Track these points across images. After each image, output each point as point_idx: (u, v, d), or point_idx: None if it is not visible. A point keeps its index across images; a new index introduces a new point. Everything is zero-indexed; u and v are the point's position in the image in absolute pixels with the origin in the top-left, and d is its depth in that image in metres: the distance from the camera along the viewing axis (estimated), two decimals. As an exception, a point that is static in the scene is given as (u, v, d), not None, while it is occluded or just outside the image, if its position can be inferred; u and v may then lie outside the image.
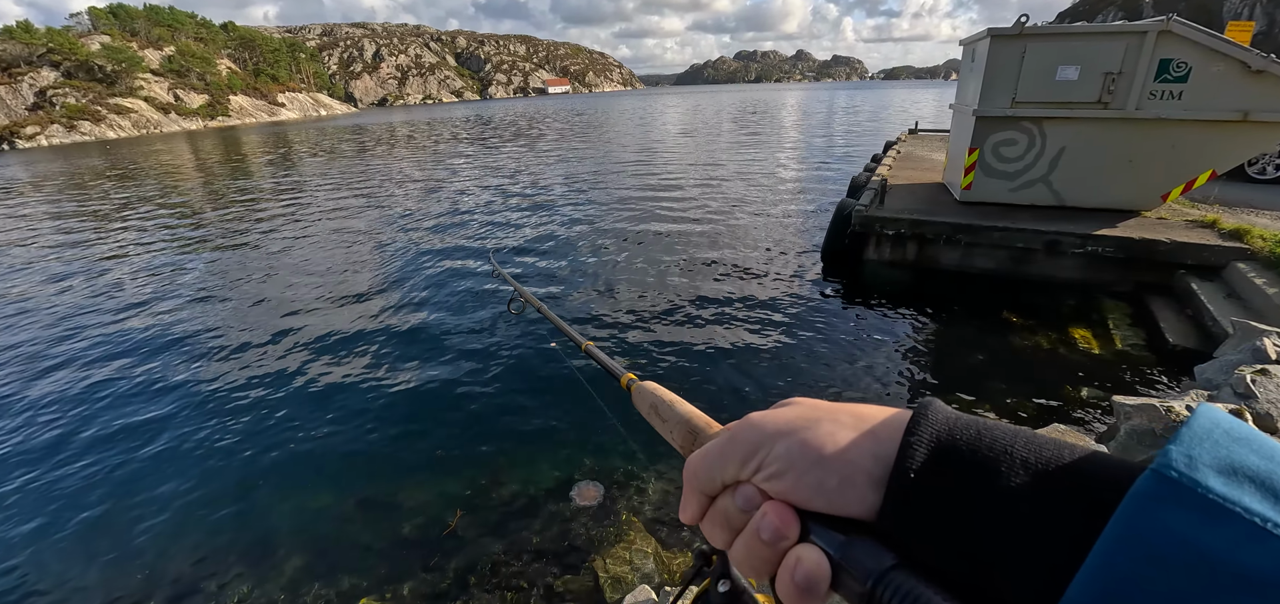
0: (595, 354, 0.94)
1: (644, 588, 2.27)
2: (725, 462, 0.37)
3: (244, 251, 10.50)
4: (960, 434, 0.30)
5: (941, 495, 0.29)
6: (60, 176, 25.62)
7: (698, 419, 0.52)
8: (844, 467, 0.32)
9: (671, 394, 0.58)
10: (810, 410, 0.36)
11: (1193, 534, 0.21)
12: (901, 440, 0.31)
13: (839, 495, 0.32)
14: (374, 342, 6.25)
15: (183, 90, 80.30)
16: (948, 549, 0.28)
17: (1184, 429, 0.24)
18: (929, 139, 14.92)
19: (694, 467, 0.39)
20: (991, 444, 0.29)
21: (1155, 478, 0.23)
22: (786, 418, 0.36)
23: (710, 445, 0.39)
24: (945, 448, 0.30)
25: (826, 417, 0.35)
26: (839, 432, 0.33)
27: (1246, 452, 0.23)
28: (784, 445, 0.34)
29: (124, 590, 3.28)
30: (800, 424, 0.35)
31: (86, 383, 5.68)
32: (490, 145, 29.71)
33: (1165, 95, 5.78)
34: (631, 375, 0.74)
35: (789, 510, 0.33)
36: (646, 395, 0.62)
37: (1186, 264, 5.49)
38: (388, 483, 4.02)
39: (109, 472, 4.31)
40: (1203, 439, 0.24)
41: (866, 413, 0.34)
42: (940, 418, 0.31)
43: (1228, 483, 0.22)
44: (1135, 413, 2.71)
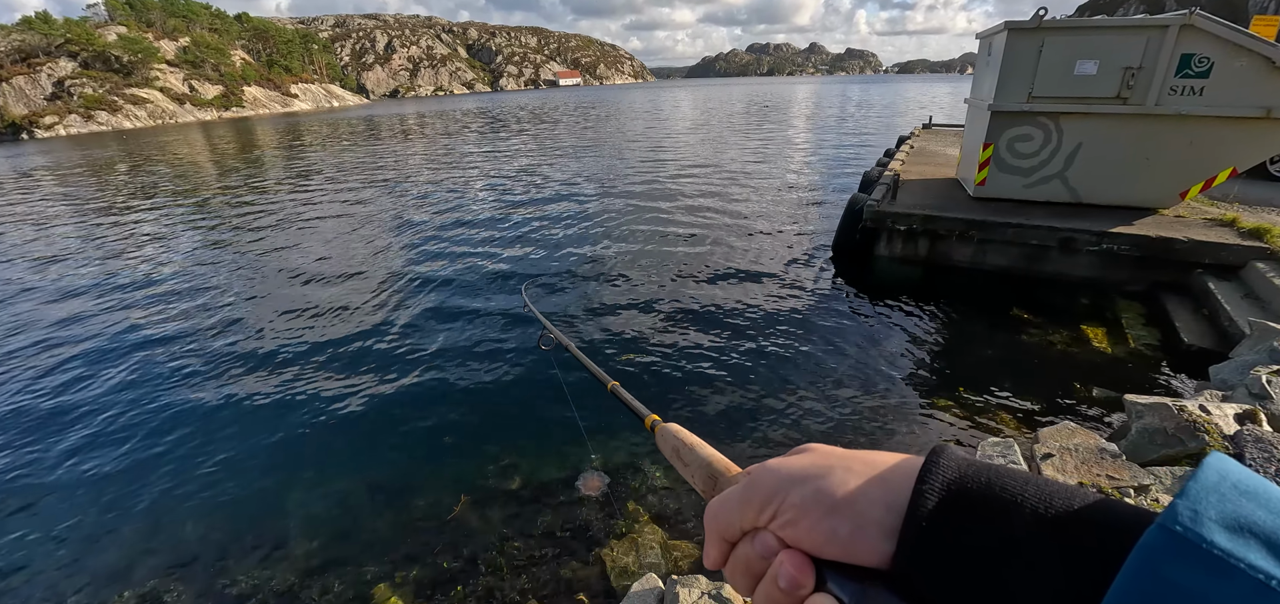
0: (621, 395, 0.96)
1: (651, 576, 2.30)
2: (743, 509, 0.37)
3: (261, 243, 10.64)
4: (971, 481, 0.30)
5: (953, 544, 0.29)
6: (80, 166, 26.04)
7: (717, 463, 0.53)
8: (857, 516, 0.33)
9: (693, 437, 0.60)
10: (824, 458, 0.37)
11: (1197, 589, 0.21)
12: (913, 489, 0.31)
13: (852, 544, 0.32)
14: (386, 335, 6.32)
15: (197, 81, 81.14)
16: (960, 597, 0.28)
17: (1192, 482, 0.25)
18: (943, 134, 14.75)
19: (714, 513, 0.40)
20: (1002, 491, 0.29)
21: (1162, 533, 0.23)
22: (801, 466, 0.37)
23: (729, 493, 0.40)
24: (956, 495, 0.30)
25: (839, 464, 0.35)
26: (851, 480, 0.34)
27: (1254, 507, 0.23)
28: (798, 494, 0.35)
29: (137, 572, 3.36)
30: (815, 472, 0.35)
31: (102, 370, 5.81)
32: (502, 138, 29.76)
33: (1186, 91, 5.67)
34: (655, 417, 0.76)
35: (805, 559, 0.34)
36: (669, 438, 0.63)
37: (1204, 263, 5.40)
38: (398, 471, 4.09)
39: (124, 456, 4.41)
40: (1210, 493, 0.24)
41: (879, 460, 0.35)
42: (952, 465, 0.31)
43: (1233, 539, 0.22)
44: (1147, 412, 2.69)
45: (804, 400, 4.64)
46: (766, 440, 4.19)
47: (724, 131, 27.75)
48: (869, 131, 25.76)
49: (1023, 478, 0.30)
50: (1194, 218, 6.11)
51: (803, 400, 4.64)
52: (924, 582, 0.30)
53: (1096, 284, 5.89)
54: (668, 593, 2.06)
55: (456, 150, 24.80)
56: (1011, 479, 0.30)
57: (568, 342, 1.47)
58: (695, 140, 24.30)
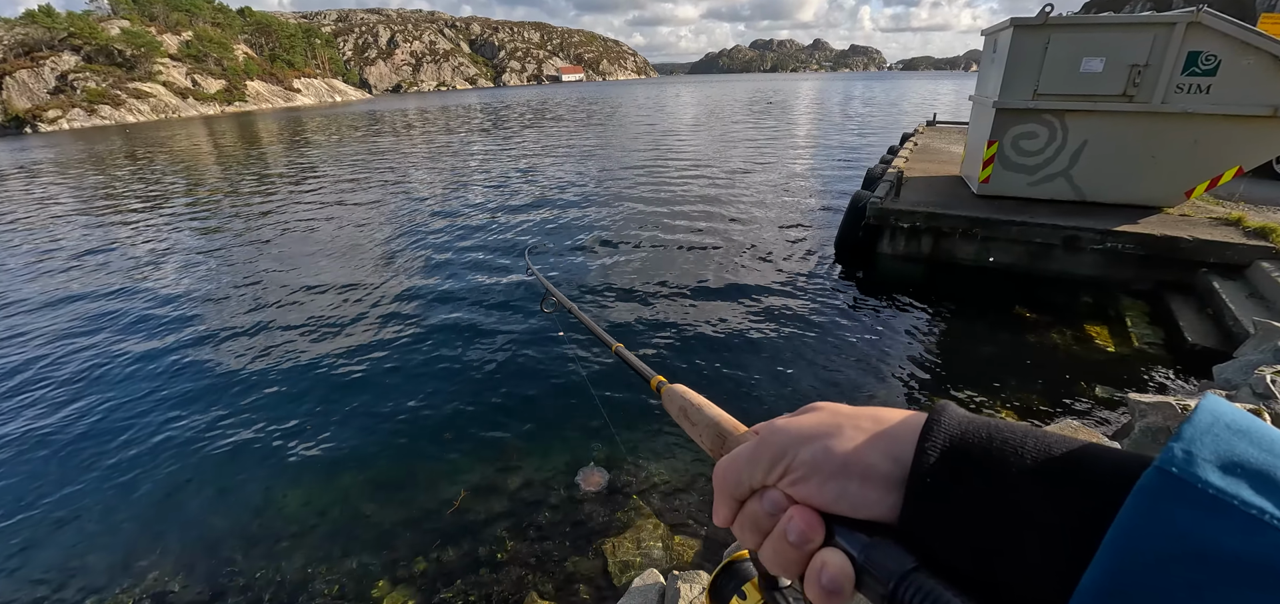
0: (625, 356, 0.95)
1: (652, 572, 2.30)
2: (753, 467, 0.38)
3: (262, 236, 10.66)
4: (972, 436, 0.31)
5: (956, 497, 0.30)
6: (84, 161, 26.10)
7: (725, 422, 0.52)
8: (865, 471, 0.33)
9: (700, 397, 0.59)
10: (831, 416, 0.37)
11: (1193, 528, 0.22)
12: (917, 445, 0.32)
13: (861, 499, 0.33)
14: (386, 326, 6.34)
15: (200, 75, 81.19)
16: (964, 548, 0.29)
17: (1187, 424, 0.25)
18: (947, 131, 14.69)
19: (722, 472, 0.40)
20: (1002, 444, 0.30)
21: (1158, 474, 0.24)
22: (810, 424, 0.37)
23: (738, 451, 0.40)
24: (959, 450, 0.31)
25: (847, 422, 0.36)
26: (859, 437, 0.34)
27: (1246, 445, 0.24)
28: (808, 451, 0.35)
29: (140, 563, 3.38)
30: (823, 431, 0.36)
31: (103, 361, 5.84)
32: (505, 133, 29.74)
33: (1192, 89, 5.64)
34: (661, 377, 0.75)
35: (814, 514, 0.34)
36: (676, 398, 0.62)
37: (1209, 262, 5.39)
38: (399, 463, 4.10)
39: (125, 447, 4.43)
40: (1204, 434, 0.25)
41: (885, 417, 0.35)
42: (953, 420, 0.32)
43: (1227, 478, 0.23)
44: (1151, 411, 2.68)
45: (805, 398, 4.63)
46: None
47: (727, 128, 27.68)
48: (872, 129, 25.68)
49: (1022, 431, 0.30)
50: (1199, 217, 6.08)
51: (804, 398, 4.64)
52: (929, 533, 0.31)
53: (1100, 283, 5.88)
54: (669, 588, 2.07)
55: (458, 145, 24.79)
56: (1011, 432, 0.31)
57: (571, 304, 1.46)
58: (698, 137, 24.25)
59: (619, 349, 1.01)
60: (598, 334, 1.12)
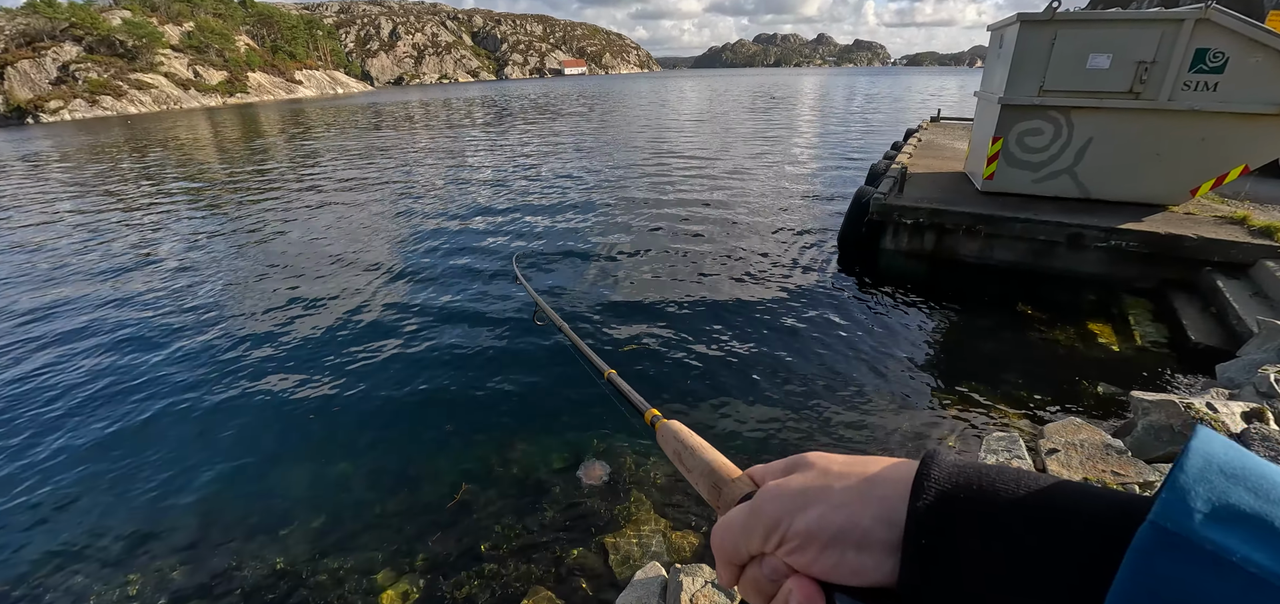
0: (618, 383, 0.92)
1: (654, 564, 2.31)
2: (748, 536, 0.37)
3: (265, 228, 10.67)
4: (964, 488, 0.30)
5: (952, 557, 0.29)
6: (86, 151, 26.11)
7: (720, 469, 0.52)
8: (859, 539, 0.33)
9: (695, 438, 0.58)
10: (821, 476, 0.36)
11: (1192, 587, 0.22)
12: (908, 505, 0.31)
13: (859, 566, 0.33)
14: (386, 321, 6.34)
15: (202, 66, 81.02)
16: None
17: (1179, 471, 0.25)
18: (951, 127, 14.63)
19: (719, 540, 0.40)
20: (995, 496, 0.29)
21: (1154, 530, 0.23)
22: (801, 487, 0.36)
23: (732, 517, 0.39)
24: (949, 503, 0.30)
25: (837, 481, 0.35)
26: (851, 500, 0.34)
27: (1241, 492, 0.23)
28: (802, 522, 0.35)
29: (142, 557, 3.38)
30: (814, 494, 0.35)
31: (105, 354, 5.85)
32: (507, 128, 29.68)
33: (1200, 86, 5.60)
34: (655, 411, 0.74)
35: (813, 585, 0.34)
36: (671, 438, 0.61)
37: (1213, 261, 5.37)
38: (399, 457, 4.11)
39: (125, 440, 4.44)
40: (1197, 481, 0.24)
41: (874, 470, 0.35)
42: (943, 472, 0.31)
43: (1223, 530, 0.22)
44: (1154, 409, 2.68)
45: (807, 393, 4.64)
46: (768, 433, 4.18)
47: (730, 124, 27.59)
48: (876, 124, 25.59)
49: (1015, 477, 0.30)
50: (1204, 215, 6.05)
51: (805, 393, 4.64)
52: (930, 597, 0.30)
53: (1104, 280, 5.86)
54: (671, 581, 2.07)
55: (460, 139, 24.75)
56: (1004, 480, 0.30)
57: (562, 322, 1.40)
58: (700, 132, 24.17)
59: (612, 376, 0.97)
60: (589, 356, 1.07)
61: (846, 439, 4.08)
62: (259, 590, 3.12)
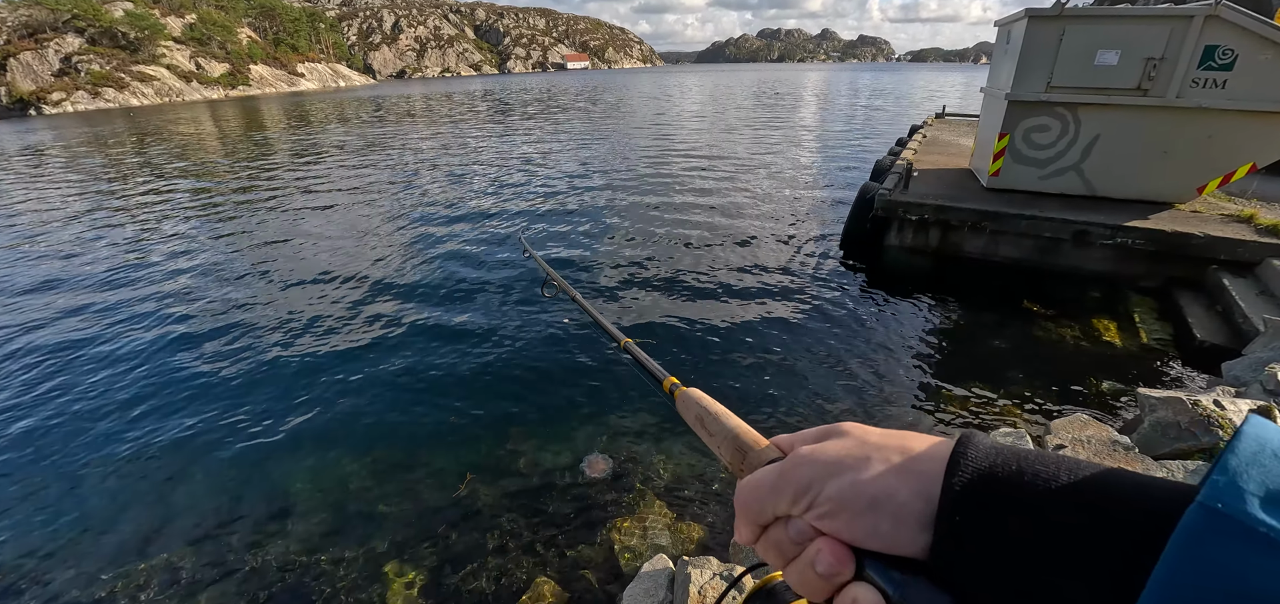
0: (635, 352, 0.90)
1: (661, 557, 2.32)
2: (777, 496, 0.37)
3: (266, 221, 10.68)
4: (1001, 469, 0.30)
5: (987, 535, 0.29)
6: (89, 143, 26.12)
7: (745, 435, 0.50)
8: (895, 510, 0.32)
9: (718, 405, 0.57)
10: (858, 446, 0.36)
11: (1244, 570, 0.21)
12: (943, 480, 0.31)
13: (892, 537, 0.32)
14: (389, 312, 6.35)
15: (204, 58, 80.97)
16: (1000, 588, 0.28)
17: (1230, 453, 0.24)
18: (956, 124, 14.57)
19: (745, 498, 0.39)
20: (1033, 477, 0.29)
21: (1202, 512, 0.22)
22: (836, 454, 0.36)
23: (761, 477, 0.39)
24: (986, 484, 0.30)
25: (875, 453, 0.35)
26: (887, 471, 0.33)
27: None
28: (835, 486, 0.34)
29: (149, 546, 3.40)
30: (850, 463, 0.35)
31: (108, 345, 5.87)
32: (510, 122, 29.64)
33: (1208, 83, 5.57)
34: (674, 379, 0.72)
35: (844, 548, 0.34)
36: (692, 404, 0.60)
37: (1219, 259, 5.35)
38: (403, 449, 4.12)
39: (131, 430, 4.45)
40: (1250, 464, 0.23)
41: (912, 444, 0.34)
42: (980, 453, 0.31)
43: (1275, 512, 0.21)
44: (1161, 406, 2.68)
45: (810, 390, 4.65)
46: (770, 431, 4.18)
47: (733, 119, 27.51)
48: (880, 120, 25.49)
49: (1054, 461, 0.29)
50: (1210, 213, 6.03)
51: (808, 390, 4.65)
52: (962, 573, 0.29)
53: (1109, 278, 5.85)
54: (679, 574, 2.08)
55: (462, 133, 24.72)
56: (1042, 463, 0.29)
57: (573, 291, 1.36)
58: (704, 127, 24.11)
59: (629, 345, 0.95)
60: (604, 326, 1.04)
61: (851, 434, 4.08)
62: (267, 580, 3.14)
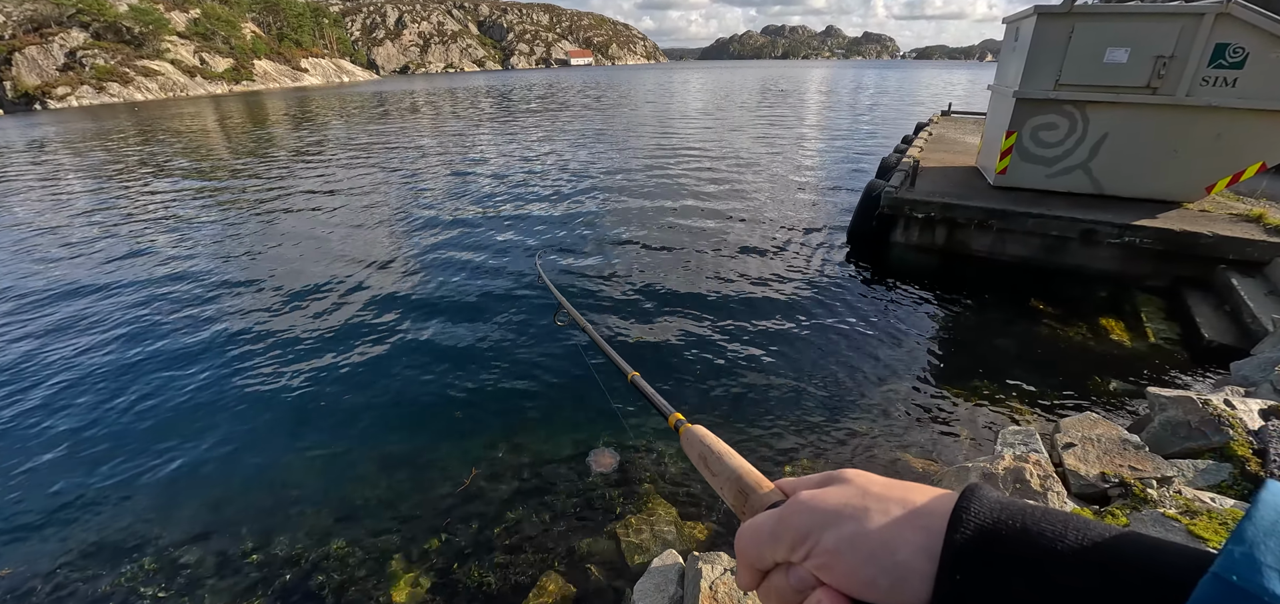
0: (642, 387, 0.91)
1: (670, 552, 2.33)
2: (775, 543, 0.37)
3: (272, 218, 10.71)
4: (1006, 526, 0.29)
5: (989, 595, 0.28)
6: (95, 138, 26.21)
7: (748, 476, 0.50)
8: (895, 566, 0.32)
9: (722, 444, 0.57)
10: (860, 495, 0.35)
11: None
12: (945, 536, 0.30)
13: (892, 592, 0.31)
14: (395, 307, 6.38)
15: (208, 53, 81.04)
16: None
17: (1247, 522, 0.23)
18: (962, 121, 14.51)
19: (744, 543, 0.39)
20: (1039, 536, 0.28)
21: (1216, 584, 0.21)
22: (836, 503, 0.35)
23: (761, 522, 0.39)
24: (990, 541, 0.29)
25: (876, 504, 0.34)
26: (888, 525, 0.33)
27: None
28: (833, 536, 0.34)
29: (155, 541, 3.41)
30: (849, 512, 0.34)
31: (115, 340, 5.90)
32: (513, 119, 29.63)
33: (1218, 82, 5.53)
34: (680, 415, 0.73)
35: (843, 600, 0.33)
36: (696, 442, 0.60)
37: (1228, 259, 5.32)
38: (410, 444, 4.14)
39: (135, 423, 4.48)
40: (1268, 536, 0.22)
41: (915, 498, 0.34)
42: (984, 508, 0.30)
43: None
44: (1171, 404, 2.67)
45: (816, 388, 4.64)
46: (778, 430, 4.16)
47: (738, 117, 27.44)
48: (885, 118, 25.41)
49: (1062, 520, 0.28)
50: (1219, 213, 6.00)
51: (814, 388, 4.64)
52: None
53: (1116, 277, 5.83)
54: (690, 569, 2.09)
55: (466, 130, 24.73)
56: (1049, 521, 0.29)
57: (586, 323, 1.40)
58: (708, 125, 24.07)
59: (635, 378, 0.96)
60: (612, 358, 1.06)
61: (856, 433, 4.08)
62: (275, 575, 3.16)
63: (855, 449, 3.92)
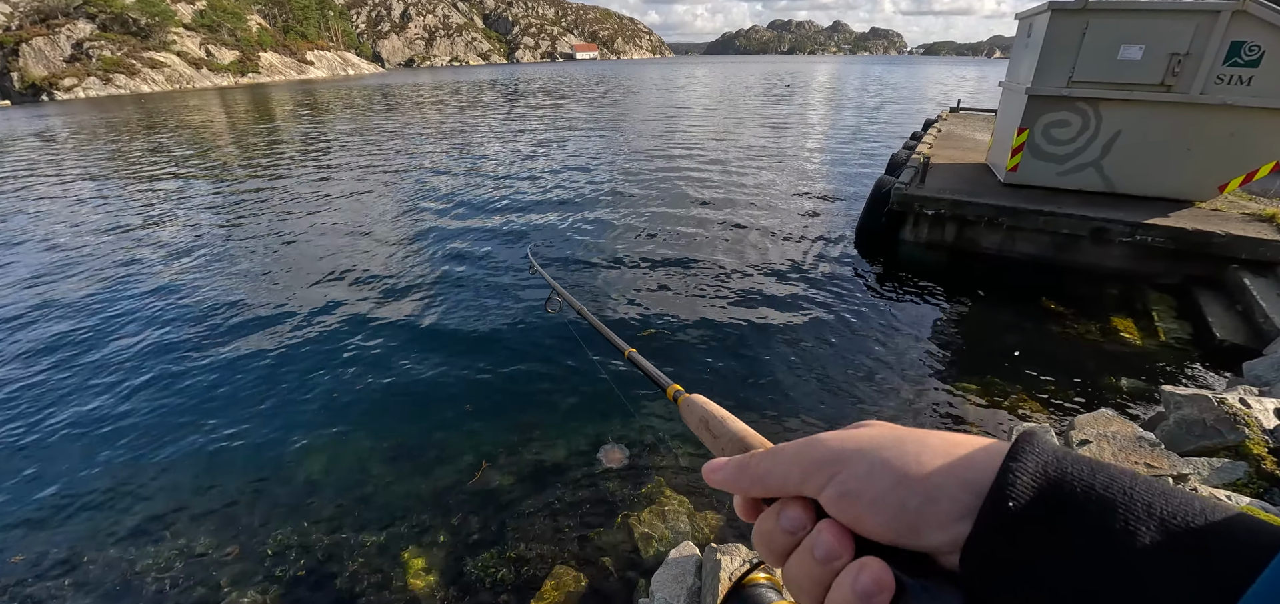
0: (639, 361, 0.90)
1: (687, 544, 2.35)
2: (793, 466, 0.34)
3: (279, 210, 10.76)
4: (1072, 470, 0.26)
5: (1046, 539, 0.24)
6: (102, 130, 26.32)
7: (750, 438, 0.48)
8: (929, 489, 0.28)
9: (721, 409, 0.56)
10: (891, 432, 0.33)
11: None
12: (1001, 466, 0.27)
13: (918, 519, 0.28)
14: (399, 300, 6.40)
15: (214, 46, 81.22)
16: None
17: None
18: (971, 118, 14.43)
19: (750, 461, 0.37)
20: (1108, 487, 0.25)
21: None
22: (865, 437, 0.33)
23: (782, 447, 0.36)
24: (1054, 484, 0.25)
25: (911, 438, 0.31)
26: (924, 453, 0.30)
27: None
28: (863, 464, 0.31)
29: (167, 529, 3.44)
30: (881, 444, 0.31)
31: (124, 330, 5.95)
32: (518, 113, 29.61)
33: (1233, 80, 5.50)
34: (677, 387, 0.72)
35: (846, 534, 0.31)
36: (696, 409, 0.59)
37: (1240, 258, 5.30)
38: (420, 436, 4.16)
39: (145, 415, 4.51)
40: None
41: (957, 439, 0.30)
42: (1048, 450, 0.27)
43: None
44: (1186, 402, 2.68)
45: (823, 386, 4.65)
46: (783, 428, 4.19)
47: (744, 112, 27.34)
48: (893, 114, 25.27)
49: (1131, 476, 0.25)
50: (1232, 212, 5.97)
51: (821, 386, 4.65)
52: (1001, 579, 0.25)
53: (1127, 276, 5.81)
54: (707, 560, 2.11)
55: (472, 124, 24.73)
56: (1120, 477, 0.25)
57: (580, 305, 1.40)
58: (714, 120, 23.99)
59: (632, 354, 0.96)
60: (608, 336, 1.06)
61: (867, 428, 4.08)
62: (289, 565, 3.18)
63: (866, 445, 3.92)
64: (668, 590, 2.06)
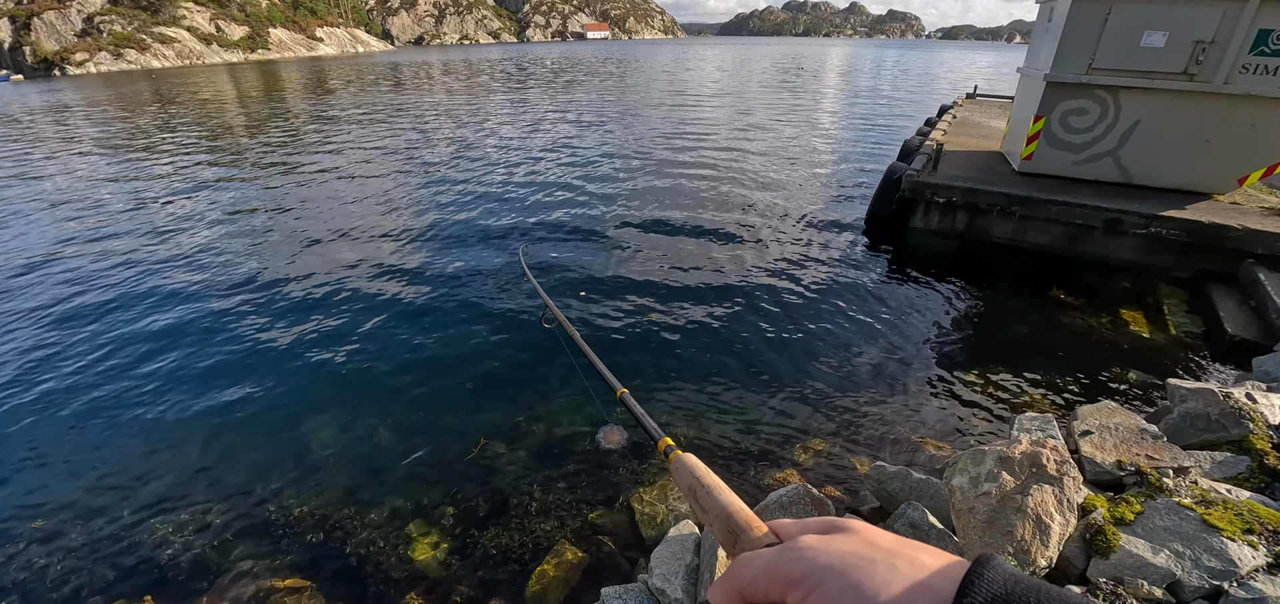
0: (631, 405, 0.89)
1: (687, 523, 2.39)
2: (769, 581, 0.36)
3: (286, 186, 10.83)
4: (1020, 594, 0.28)
5: None
6: (115, 103, 26.46)
7: (739, 515, 0.48)
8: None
9: (713, 477, 0.55)
10: (865, 546, 0.35)
11: None
12: (957, 590, 0.30)
13: None
14: (403, 286, 6.43)
15: (224, 21, 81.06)
16: None
17: None
18: (987, 105, 14.16)
19: (736, 572, 0.39)
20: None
21: None
22: (839, 552, 0.35)
23: (757, 557, 0.38)
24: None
25: (882, 558, 0.33)
26: (894, 580, 0.32)
27: None
28: (834, 586, 0.33)
29: (170, 502, 3.51)
30: (852, 562, 0.33)
31: (133, 308, 6.05)
32: (529, 93, 29.41)
33: (1259, 69, 5.35)
34: (669, 440, 0.71)
35: None
36: (686, 473, 0.58)
37: (1256, 253, 5.21)
38: (425, 413, 4.21)
39: (152, 390, 4.58)
40: None
41: (924, 558, 0.33)
42: (1001, 575, 0.30)
43: None
44: (1191, 396, 2.66)
45: (831, 371, 4.66)
46: (791, 410, 4.18)
47: (756, 95, 26.99)
48: (908, 100, 24.85)
49: (1075, 601, 0.28)
50: (1250, 206, 5.85)
51: (830, 371, 4.66)
52: None
53: (1139, 268, 5.73)
54: (706, 539, 2.15)
55: (482, 104, 24.62)
56: (1068, 600, 0.28)
57: (573, 330, 1.34)
58: (726, 103, 23.71)
59: (625, 395, 0.94)
60: (602, 372, 1.03)
61: (870, 415, 4.10)
62: (296, 539, 3.24)
63: (869, 430, 3.95)
64: (667, 567, 2.10)
